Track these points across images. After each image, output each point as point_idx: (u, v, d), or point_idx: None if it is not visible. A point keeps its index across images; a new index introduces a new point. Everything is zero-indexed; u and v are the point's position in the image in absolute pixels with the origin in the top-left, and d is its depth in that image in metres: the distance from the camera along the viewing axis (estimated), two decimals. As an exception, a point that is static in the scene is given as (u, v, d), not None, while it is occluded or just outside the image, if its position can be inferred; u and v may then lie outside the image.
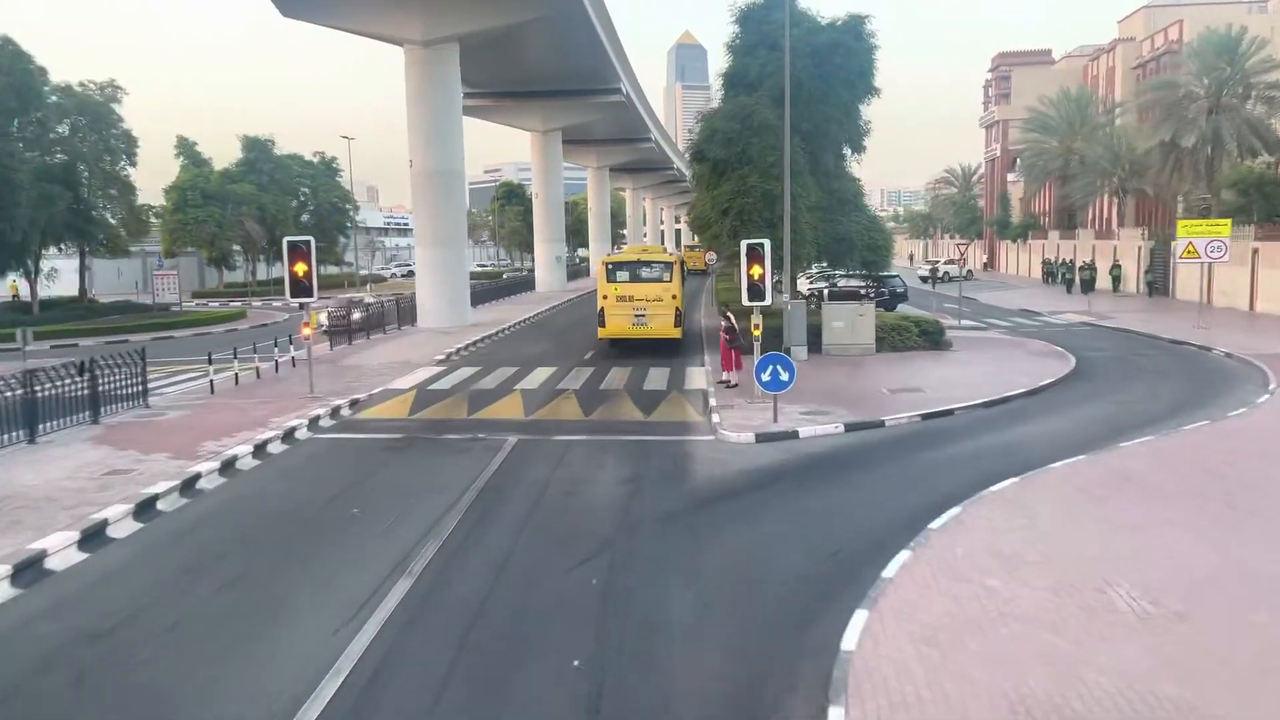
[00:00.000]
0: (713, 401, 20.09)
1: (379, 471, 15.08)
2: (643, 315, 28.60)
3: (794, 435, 17.02)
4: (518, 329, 37.96)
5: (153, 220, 57.94)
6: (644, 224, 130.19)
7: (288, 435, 17.20)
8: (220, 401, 20.63)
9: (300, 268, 20.20)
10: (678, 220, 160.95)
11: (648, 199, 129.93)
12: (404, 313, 37.62)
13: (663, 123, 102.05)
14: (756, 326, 20.17)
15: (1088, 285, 46.80)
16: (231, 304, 59.36)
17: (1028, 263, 68.66)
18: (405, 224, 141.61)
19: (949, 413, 18.82)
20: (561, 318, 43.95)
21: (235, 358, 23.75)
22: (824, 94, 27.70)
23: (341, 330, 32.34)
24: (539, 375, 24.50)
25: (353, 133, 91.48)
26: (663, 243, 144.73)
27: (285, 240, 20.52)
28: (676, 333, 29.21)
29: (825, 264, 31.62)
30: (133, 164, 55.46)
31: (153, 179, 71.05)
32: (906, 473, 14.41)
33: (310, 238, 20.54)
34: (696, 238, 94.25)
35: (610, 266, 29.77)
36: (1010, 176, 77.47)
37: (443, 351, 29.01)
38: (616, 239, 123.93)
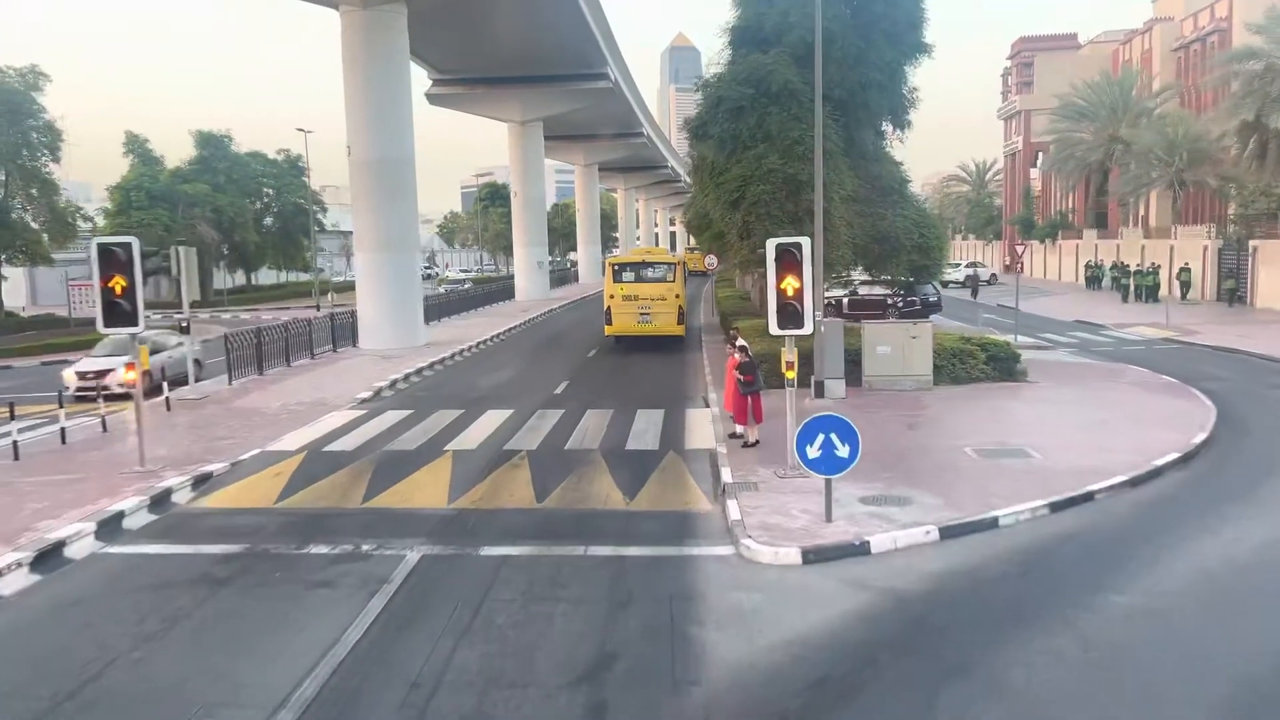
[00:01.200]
0: (726, 473, 13.71)
1: (156, 643, 8.62)
2: (648, 314, 29.94)
3: (863, 549, 10.60)
4: (479, 351, 31.51)
5: (80, 224, 51.36)
6: (637, 226, 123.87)
7: (47, 555, 10.72)
8: (5, 479, 14.15)
9: (118, 283, 13.79)
10: (672, 223, 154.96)
11: (640, 200, 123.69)
12: (343, 331, 31.19)
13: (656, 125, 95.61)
14: (790, 365, 13.76)
15: (1150, 292, 40.46)
16: (176, 315, 52.84)
17: (1057, 265, 62.33)
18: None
19: (1087, 498, 12.42)
20: (537, 333, 37.49)
21: (60, 405, 17.33)
22: (862, 52, 21.36)
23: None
24: (486, 424, 18.07)
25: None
26: (657, 245, 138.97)
27: (95, 243, 14.16)
28: (680, 329, 30.49)
29: (861, 269, 25.18)
30: (55, 160, 49.18)
31: (107, 181, 64.37)
32: (1088, 654, 7.96)
33: (133, 239, 14.20)
34: (693, 240, 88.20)
35: (616, 267, 30.91)
36: (1033, 171, 71.29)
37: (372, 385, 22.56)
38: (608, 242, 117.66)
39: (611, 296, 30.06)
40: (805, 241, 13.22)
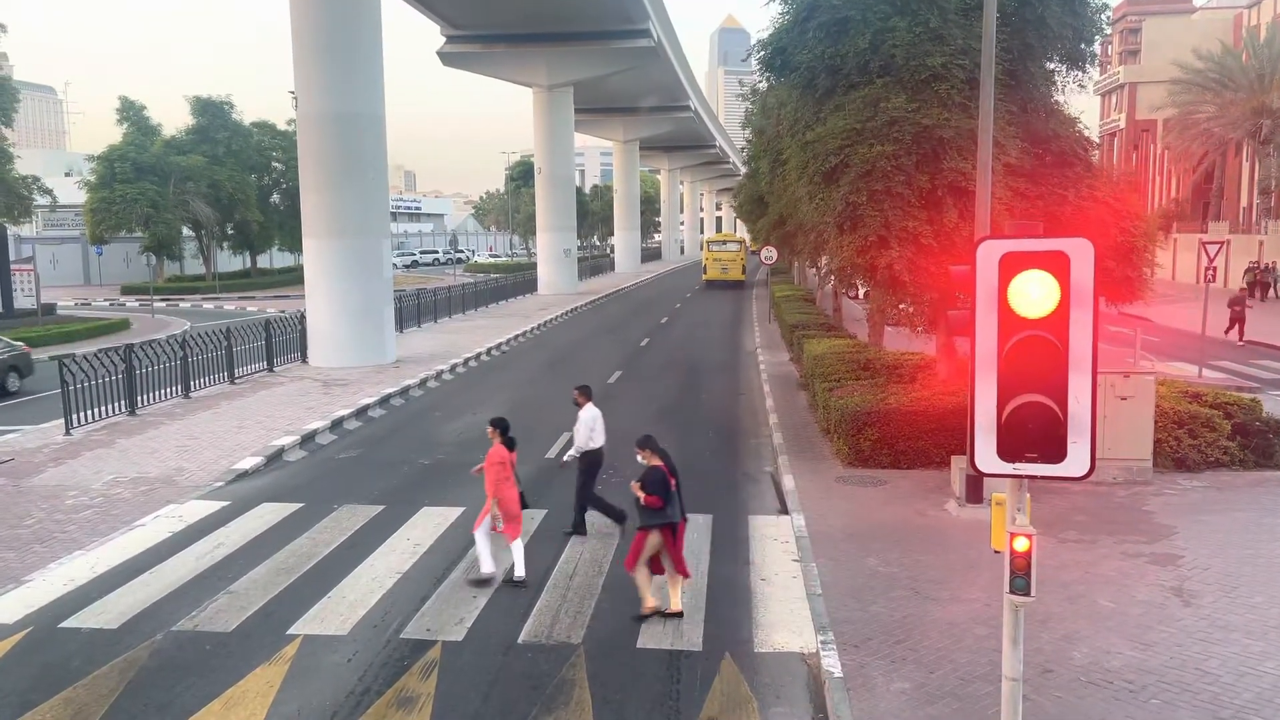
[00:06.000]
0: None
1: None
2: (726, 268, 54.91)
3: None
4: (465, 373, 23.89)
5: (37, 196, 44.53)
6: (681, 210, 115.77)
7: None
8: None
9: None
10: (719, 207, 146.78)
11: (685, 182, 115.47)
12: (290, 343, 23.78)
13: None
14: (1025, 558, 5.80)
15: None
16: (161, 303, 45.97)
17: (1171, 264, 53.27)
18: (416, 208, 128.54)
19: None
20: (550, 344, 29.76)
21: None
22: (1038, -65, 13.36)
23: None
24: (403, 550, 10.41)
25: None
26: (702, 232, 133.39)
27: None
28: (742, 276, 55.27)
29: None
30: (7, 123, 42.42)
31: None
32: None
33: None
34: (740, 224, 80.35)
35: (709, 243, 57.60)
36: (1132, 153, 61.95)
37: (273, 442, 15.05)
38: (650, 227, 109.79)
39: (705, 259, 55.96)
40: (1084, 248, 5.31)
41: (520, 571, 9.31)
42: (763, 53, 14.35)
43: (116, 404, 17.29)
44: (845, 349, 19.09)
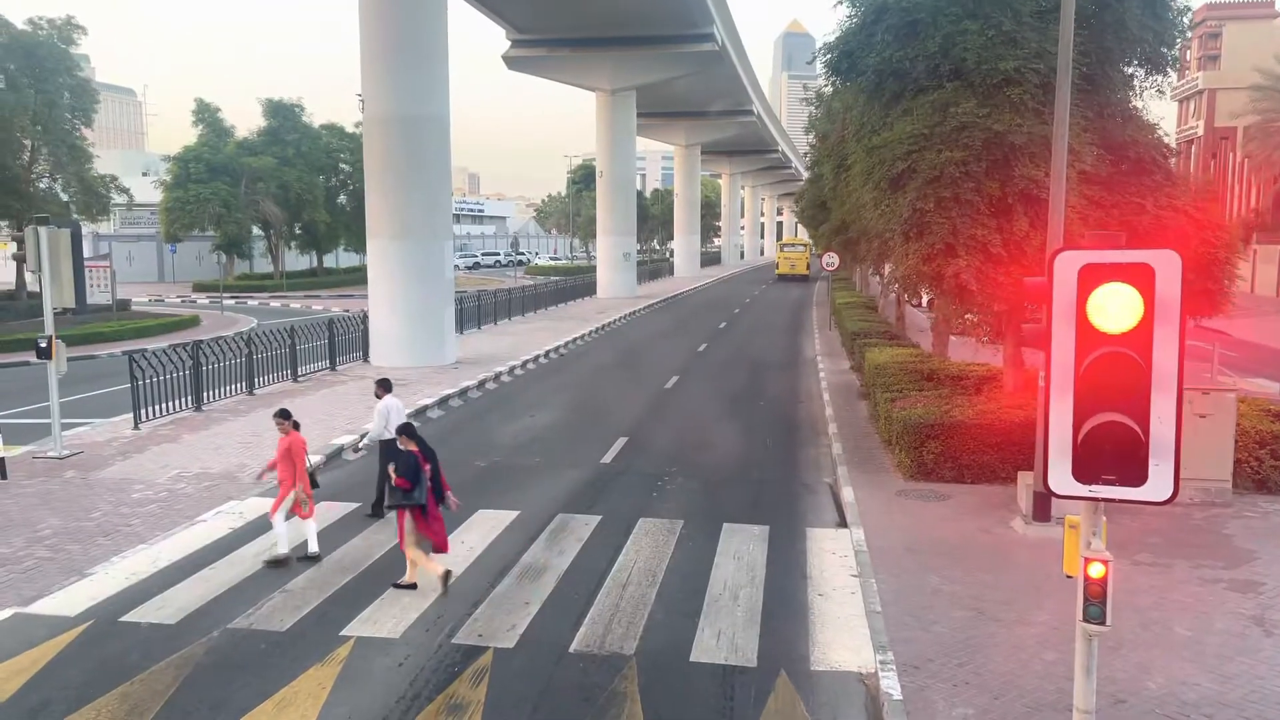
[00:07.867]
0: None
1: None
2: (794, 265, 69.97)
3: None
4: (524, 375, 23.92)
5: (114, 195, 45.78)
6: (741, 215, 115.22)
7: None
8: None
9: None
10: (780, 212, 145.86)
11: (746, 187, 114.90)
12: (353, 342, 24.07)
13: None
14: (1100, 586, 5.53)
15: None
16: (230, 301, 47.10)
17: (1250, 276, 51.50)
18: (479, 210, 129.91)
19: None
20: (608, 348, 29.72)
21: None
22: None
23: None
24: (457, 552, 10.39)
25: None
26: (761, 237, 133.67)
27: None
28: (807, 272, 69.08)
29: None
30: (87, 123, 43.68)
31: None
32: None
33: None
34: (800, 230, 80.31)
35: (782, 245, 75.49)
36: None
37: (333, 440, 15.19)
38: (710, 231, 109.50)
39: (779, 258, 73.03)
40: (1171, 260, 5.04)
41: (314, 548, 10.14)
42: (829, 55, 14.10)
43: (183, 399, 17.63)
44: (908, 358, 18.67)
